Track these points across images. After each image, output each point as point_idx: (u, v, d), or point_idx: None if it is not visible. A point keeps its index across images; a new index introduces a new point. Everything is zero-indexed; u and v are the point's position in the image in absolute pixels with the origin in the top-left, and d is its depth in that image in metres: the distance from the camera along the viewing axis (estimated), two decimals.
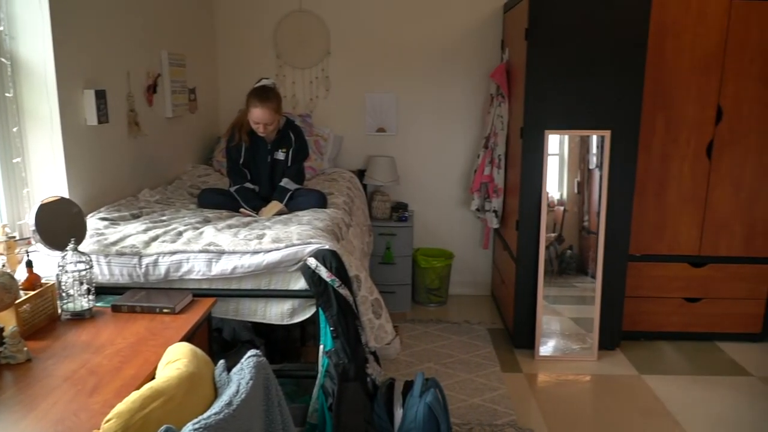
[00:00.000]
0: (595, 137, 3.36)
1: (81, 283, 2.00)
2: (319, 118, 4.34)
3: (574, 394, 3.11)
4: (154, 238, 2.35)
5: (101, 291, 2.20)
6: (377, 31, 4.26)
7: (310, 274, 2.23)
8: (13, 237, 2.33)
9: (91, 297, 2.03)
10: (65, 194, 2.46)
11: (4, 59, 2.33)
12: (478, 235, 4.54)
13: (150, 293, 2.17)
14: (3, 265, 2.20)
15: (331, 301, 2.22)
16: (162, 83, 3.38)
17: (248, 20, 4.27)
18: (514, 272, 3.54)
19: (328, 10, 4.23)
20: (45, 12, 2.33)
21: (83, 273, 2.01)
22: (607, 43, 3.21)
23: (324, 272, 2.22)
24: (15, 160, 2.41)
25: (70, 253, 2.01)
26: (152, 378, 1.41)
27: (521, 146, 3.39)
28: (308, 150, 3.27)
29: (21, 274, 2.09)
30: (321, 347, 2.28)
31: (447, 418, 2.32)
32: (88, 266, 2.03)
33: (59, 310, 2.02)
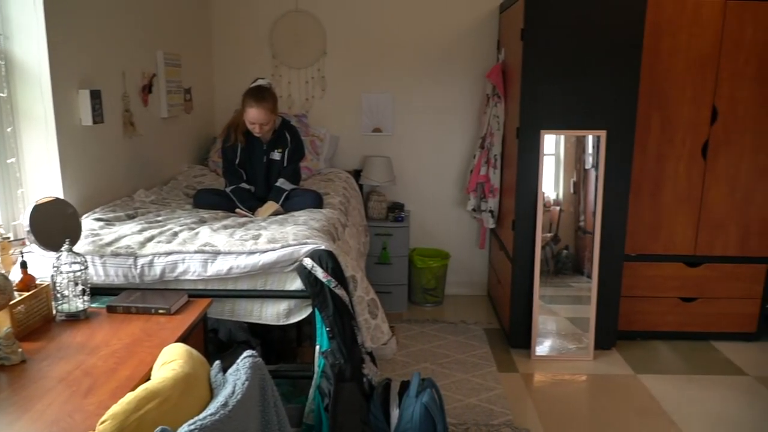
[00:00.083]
0: (590, 137, 3.37)
1: (76, 284, 2.00)
2: (315, 118, 4.34)
3: (571, 394, 3.12)
4: (150, 239, 2.35)
5: (96, 292, 2.19)
6: (373, 31, 4.26)
7: (306, 275, 2.23)
8: (8, 238, 2.33)
9: (86, 298, 2.03)
10: (60, 195, 2.45)
11: None
12: (474, 235, 4.55)
13: (145, 294, 2.16)
14: None
15: (327, 301, 2.22)
16: (157, 83, 3.37)
17: (244, 20, 4.26)
18: (510, 272, 3.55)
19: (324, 10, 4.22)
20: (39, 12, 2.32)
21: (78, 274, 2.00)
22: (603, 43, 3.22)
23: (320, 272, 2.22)
24: (9, 161, 2.40)
25: (64, 253, 2.00)
26: (147, 379, 1.40)
27: (517, 146, 3.40)
28: (304, 150, 3.26)
29: (15, 275, 2.08)
30: (317, 348, 2.28)
31: (443, 418, 2.32)
32: (83, 267, 2.02)
33: (54, 311, 2.01)
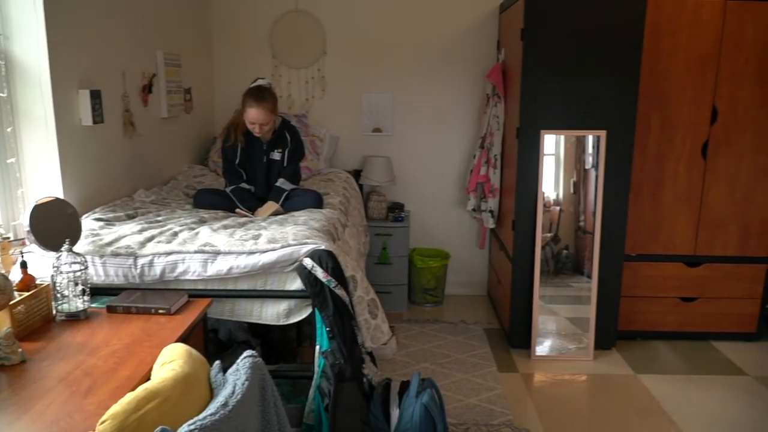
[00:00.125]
0: (590, 137, 3.37)
1: (76, 284, 2.00)
2: (315, 118, 4.34)
3: (570, 394, 3.11)
4: (150, 239, 2.35)
5: (96, 292, 2.19)
6: (373, 31, 4.26)
7: (306, 275, 2.23)
8: (8, 238, 2.33)
9: (86, 298, 2.03)
10: (60, 195, 2.45)
11: None
12: (474, 235, 4.55)
13: (145, 294, 2.16)
14: None
15: (327, 301, 2.22)
16: (157, 83, 3.37)
17: (244, 20, 4.26)
18: (511, 272, 3.55)
19: (324, 9, 4.22)
20: (39, 12, 2.32)
21: (78, 274, 2.00)
22: (603, 43, 3.22)
23: (320, 272, 2.22)
24: (9, 161, 2.40)
25: (64, 253, 2.00)
26: (147, 379, 1.40)
27: (517, 146, 3.39)
28: (304, 150, 3.26)
29: (15, 275, 2.08)
30: (317, 348, 2.28)
31: (443, 418, 2.32)
32: (83, 267, 2.02)
33: (54, 311, 2.01)
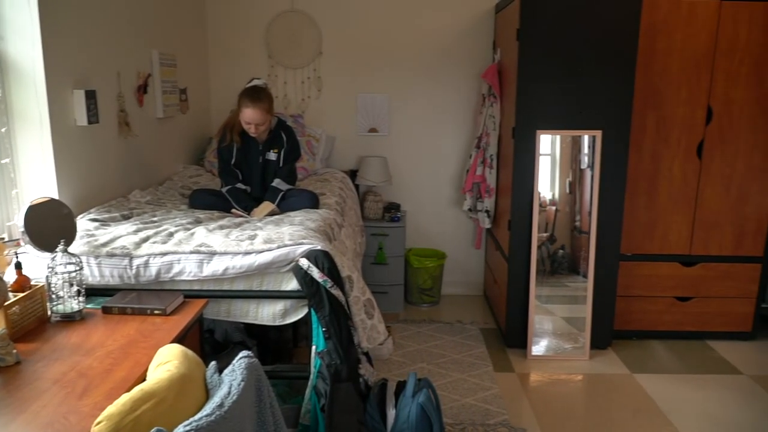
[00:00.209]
0: (586, 137, 3.38)
1: (71, 285, 1.99)
2: (310, 118, 4.34)
3: (567, 394, 3.12)
4: (145, 239, 2.34)
5: (91, 292, 2.19)
6: (369, 31, 4.25)
7: (302, 275, 2.22)
8: (2, 238, 2.32)
9: (81, 299, 2.02)
10: (55, 195, 2.44)
11: None
12: (470, 235, 4.55)
13: (141, 294, 2.15)
14: None
15: (324, 301, 2.21)
16: (153, 83, 3.36)
17: (240, 20, 4.25)
18: (507, 272, 3.55)
19: (320, 10, 4.22)
20: (34, 12, 2.31)
21: (73, 274, 2.00)
22: (598, 43, 3.23)
23: (316, 273, 2.21)
24: (4, 161, 2.39)
25: (59, 254, 1.99)
26: (143, 380, 1.40)
27: (513, 146, 3.40)
28: (300, 150, 3.26)
29: (10, 276, 2.07)
30: (313, 348, 2.28)
31: (440, 418, 2.32)
32: (78, 268, 2.01)
33: (49, 312, 2.00)
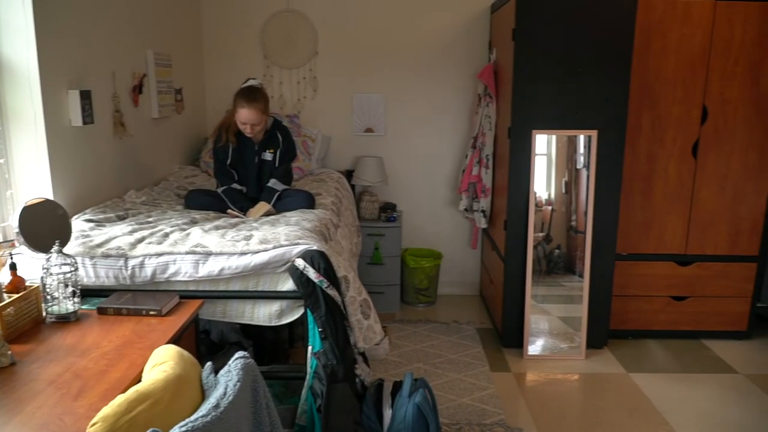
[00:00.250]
0: (582, 137, 3.38)
1: (66, 286, 1.98)
2: (306, 118, 4.33)
3: (563, 393, 3.12)
4: (141, 240, 2.34)
5: (87, 293, 2.18)
6: (365, 31, 4.25)
7: (298, 275, 2.22)
8: None
9: (76, 299, 2.01)
10: (50, 196, 2.43)
11: None
12: (466, 235, 4.55)
13: (136, 295, 2.15)
14: None
15: (320, 302, 2.21)
16: (148, 83, 3.35)
17: (235, 20, 4.25)
18: (503, 272, 3.55)
19: (315, 9, 4.22)
20: (28, 12, 2.30)
21: (68, 275, 1.99)
22: (594, 43, 3.23)
23: (312, 273, 2.21)
24: None
25: (54, 255, 1.99)
26: (138, 381, 1.39)
27: (509, 146, 3.40)
28: (296, 150, 3.25)
29: (5, 277, 2.06)
30: (309, 348, 2.28)
31: (436, 418, 2.32)
32: (73, 268, 2.01)
33: (44, 313, 1.99)
